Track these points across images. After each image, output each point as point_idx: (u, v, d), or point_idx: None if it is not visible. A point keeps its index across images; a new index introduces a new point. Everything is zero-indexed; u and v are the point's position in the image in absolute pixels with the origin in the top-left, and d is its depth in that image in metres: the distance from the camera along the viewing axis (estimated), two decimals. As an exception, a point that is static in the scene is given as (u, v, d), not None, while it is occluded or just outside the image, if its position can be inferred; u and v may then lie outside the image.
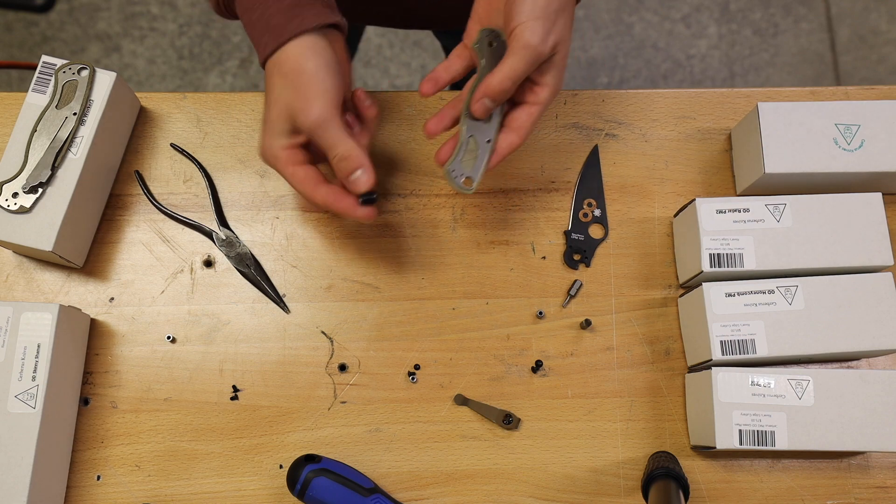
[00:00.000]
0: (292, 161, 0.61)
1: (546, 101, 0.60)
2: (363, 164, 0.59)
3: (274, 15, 0.59)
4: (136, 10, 1.84)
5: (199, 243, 0.71)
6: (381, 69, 1.84)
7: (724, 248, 0.66)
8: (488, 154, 0.61)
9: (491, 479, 0.67)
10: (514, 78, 0.57)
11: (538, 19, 0.55)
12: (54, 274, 0.70)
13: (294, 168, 0.61)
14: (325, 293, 0.71)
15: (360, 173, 0.59)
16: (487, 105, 0.59)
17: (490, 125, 0.61)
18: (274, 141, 0.60)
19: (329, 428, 0.68)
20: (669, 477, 0.62)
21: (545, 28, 0.56)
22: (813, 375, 0.63)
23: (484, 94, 0.58)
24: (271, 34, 0.59)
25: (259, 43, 0.60)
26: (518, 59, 0.56)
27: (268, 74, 0.60)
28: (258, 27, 0.60)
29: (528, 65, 0.57)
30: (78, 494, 0.65)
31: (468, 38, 0.63)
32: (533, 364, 0.69)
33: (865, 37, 1.92)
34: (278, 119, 0.59)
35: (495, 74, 0.57)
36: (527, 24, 0.56)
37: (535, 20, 0.55)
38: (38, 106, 0.66)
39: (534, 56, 0.56)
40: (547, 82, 0.59)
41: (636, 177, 0.75)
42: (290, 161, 0.61)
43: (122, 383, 0.68)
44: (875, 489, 0.67)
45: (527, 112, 0.61)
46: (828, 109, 0.69)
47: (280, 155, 0.60)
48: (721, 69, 1.88)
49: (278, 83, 0.59)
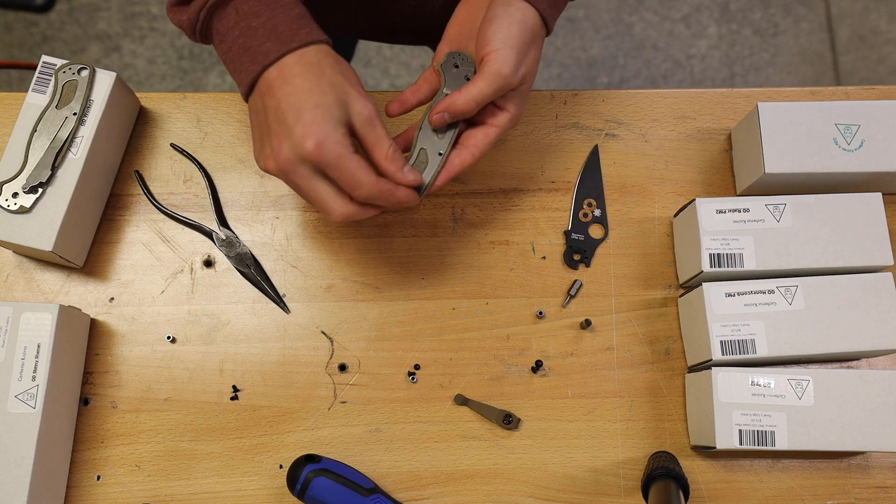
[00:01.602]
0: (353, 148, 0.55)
1: (505, 126, 0.61)
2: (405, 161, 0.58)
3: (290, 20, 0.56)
4: (136, 10, 1.84)
5: (199, 243, 0.71)
6: (381, 69, 1.84)
7: (724, 249, 0.66)
8: (437, 167, 0.61)
9: (491, 479, 0.67)
10: (480, 101, 0.58)
11: (512, 48, 0.56)
12: (54, 274, 0.70)
13: (360, 158, 0.55)
14: (325, 293, 0.71)
15: (409, 168, 0.58)
16: (445, 118, 0.60)
17: (443, 140, 0.62)
18: (336, 130, 0.53)
19: (329, 428, 0.68)
20: (669, 477, 0.62)
21: (518, 58, 0.57)
22: (813, 375, 0.63)
23: (445, 109, 0.59)
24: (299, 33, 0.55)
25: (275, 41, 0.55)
26: (487, 84, 0.57)
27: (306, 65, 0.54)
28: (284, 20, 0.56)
29: (495, 91, 0.58)
30: (78, 494, 0.65)
31: (436, 61, 0.64)
32: (533, 364, 0.69)
33: (865, 37, 1.92)
34: (335, 104, 0.54)
35: (462, 94, 0.58)
36: (500, 51, 0.57)
37: (508, 49, 0.56)
38: (38, 106, 0.66)
39: (503, 84, 0.57)
40: (509, 108, 0.60)
41: (636, 177, 0.75)
42: (352, 148, 0.55)
43: (122, 383, 0.68)
44: (875, 489, 0.67)
45: (483, 132, 0.61)
46: (828, 109, 0.69)
47: (344, 140, 0.54)
48: (721, 69, 1.88)
49: (329, 69, 0.54)
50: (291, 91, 0.54)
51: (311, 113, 0.53)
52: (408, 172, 0.57)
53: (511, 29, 0.57)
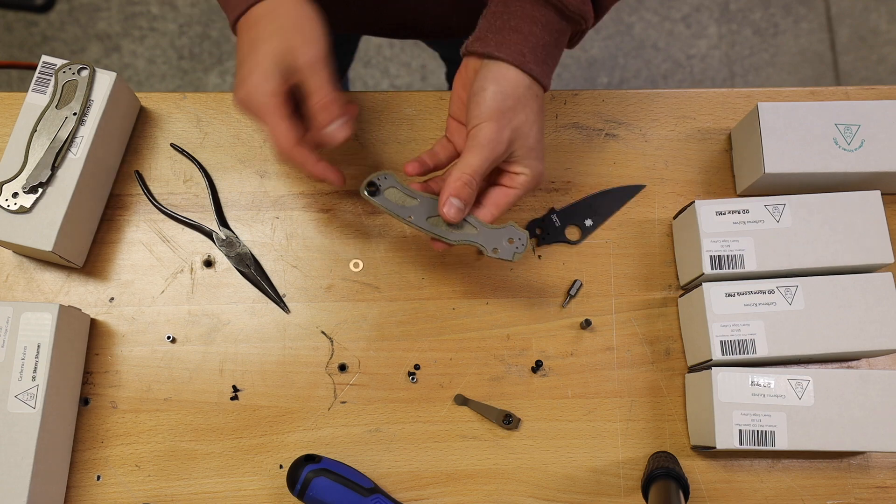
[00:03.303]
0: (279, 111, 0.57)
1: (525, 185, 0.61)
2: (345, 114, 0.58)
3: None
4: (136, 10, 1.84)
5: (199, 243, 0.71)
6: (381, 69, 1.84)
7: (724, 250, 0.66)
8: None
9: (491, 479, 0.67)
10: (471, 173, 0.58)
11: (490, 120, 0.58)
12: (54, 274, 0.70)
13: (280, 120, 0.57)
14: (325, 293, 0.71)
15: (340, 123, 0.58)
16: (455, 205, 0.59)
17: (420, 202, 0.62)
18: (261, 85, 0.57)
19: (329, 428, 0.68)
20: (669, 477, 0.62)
21: (497, 127, 0.58)
22: (813, 375, 0.63)
23: (448, 194, 0.59)
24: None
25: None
26: (473, 156, 0.58)
27: (254, 19, 0.58)
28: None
29: (483, 161, 0.58)
30: (78, 494, 0.65)
31: (448, 132, 0.65)
32: (533, 364, 0.69)
33: (865, 37, 1.92)
34: (269, 58, 0.57)
35: (452, 171, 0.59)
36: (481, 126, 0.58)
37: (487, 122, 0.58)
38: (38, 106, 0.66)
39: (488, 153, 0.58)
40: (521, 171, 0.61)
41: (636, 177, 0.75)
42: (277, 110, 0.57)
43: (122, 383, 0.68)
44: (875, 489, 0.67)
45: (504, 192, 0.62)
46: (828, 109, 0.69)
47: (269, 102, 0.57)
48: (721, 69, 1.88)
49: (272, 23, 0.57)
50: (245, 41, 0.59)
51: (247, 66, 0.58)
52: (337, 129, 0.58)
53: (488, 103, 0.58)
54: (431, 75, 1.85)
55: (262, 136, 0.74)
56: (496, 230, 0.62)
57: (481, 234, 0.62)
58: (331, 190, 0.73)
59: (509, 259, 0.62)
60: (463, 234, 0.61)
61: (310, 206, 0.73)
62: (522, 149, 0.60)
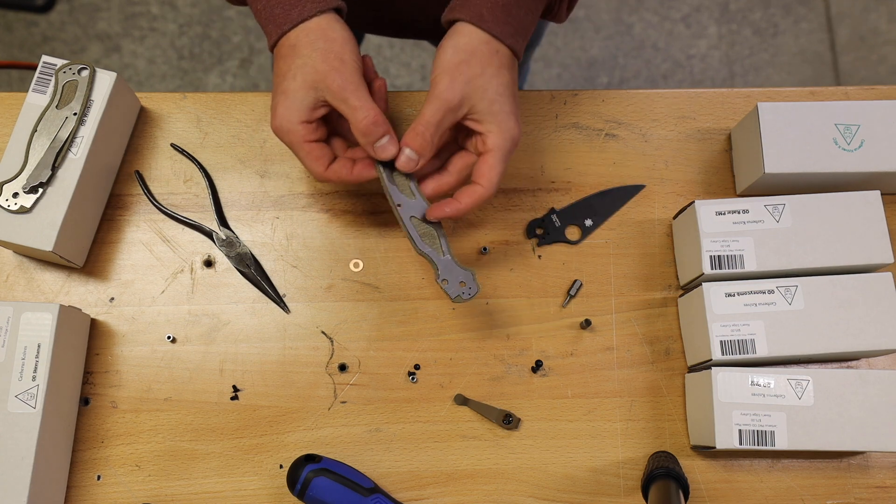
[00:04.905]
0: (308, 137, 0.61)
1: (498, 147, 0.61)
2: (389, 130, 0.61)
3: None
4: (136, 10, 1.84)
5: (200, 243, 0.71)
6: (381, 69, 1.84)
7: (724, 250, 0.66)
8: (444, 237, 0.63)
9: (491, 479, 0.67)
10: (424, 123, 0.60)
11: (443, 73, 0.60)
12: (54, 274, 0.70)
13: (310, 146, 0.61)
14: (325, 293, 0.71)
15: (386, 140, 0.60)
16: (406, 153, 0.61)
17: (416, 202, 0.63)
18: (293, 114, 0.60)
19: (329, 428, 0.68)
20: (669, 477, 0.62)
21: (451, 79, 0.60)
22: (813, 375, 0.63)
23: (404, 145, 0.61)
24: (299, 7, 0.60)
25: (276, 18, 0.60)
26: (426, 108, 0.60)
27: (289, 47, 0.60)
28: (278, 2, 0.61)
29: (435, 111, 0.60)
30: (78, 494, 0.65)
31: None
32: (533, 364, 0.69)
33: (865, 37, 1.92)
34: (301, 88, 0.59)
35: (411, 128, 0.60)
36: (433, 78, 0.61)
37: (440, 74, 0.60)
38: (38, 106, 0.66)
39: (440, 104, 0.60)
40: (489, 129, 0.61)
41: (636, 177, 0.75)
42: (306, 137, 0.60)
43: (122, 383, 0.68)
44: (875, 489, 0.68)
45: (483, 161, 0.62)
46: (828, 109, 0.69)
47: (298, 130, 0.60)
48: (721, 69, 1.88)
49: (303, 51, 0.59)
50: (276, 72, 0.61)
51: (276, 98, 0.60)
52: (387, 142, 0.60)
53: (444, 57, 0.60)
54: (431, 75, 1.84)
55: (263, 137, 0.74)
56: (458, 267, 0.63)
57: (443, 262, 0.63)
58: (331, 190, 0.73)
59: (450, 296, 0.63)
60: (430, 250, 0.63)
61: (310, 206, 0.73)
62: (482, 102, 0.60)
